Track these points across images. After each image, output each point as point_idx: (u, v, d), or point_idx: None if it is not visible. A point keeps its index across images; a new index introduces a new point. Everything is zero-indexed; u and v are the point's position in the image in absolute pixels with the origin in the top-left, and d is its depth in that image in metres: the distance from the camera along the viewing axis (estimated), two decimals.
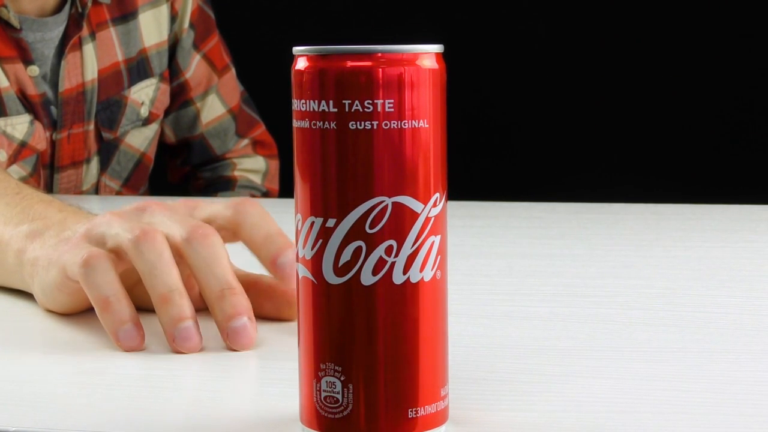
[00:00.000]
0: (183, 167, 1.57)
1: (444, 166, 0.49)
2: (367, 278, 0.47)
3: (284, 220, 0.60)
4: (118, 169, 1.43)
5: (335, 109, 0.47)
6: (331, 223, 0.48)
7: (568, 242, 1.00)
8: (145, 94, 1.42)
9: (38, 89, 1.29)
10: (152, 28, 1.41)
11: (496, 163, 2.21)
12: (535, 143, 2.22)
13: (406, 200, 0.48)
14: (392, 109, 0.47)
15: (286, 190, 1.55)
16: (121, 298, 0.65)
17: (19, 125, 1.28)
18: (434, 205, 0.48)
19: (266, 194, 1.57)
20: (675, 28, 2.16)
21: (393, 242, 0.47)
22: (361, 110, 0.47)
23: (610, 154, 2.18)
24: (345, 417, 0.48)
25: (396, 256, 0.47)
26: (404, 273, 0.48)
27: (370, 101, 0.47)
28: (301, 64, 0.48)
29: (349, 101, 0.47)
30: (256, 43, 2.06)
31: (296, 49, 0.49)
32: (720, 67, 2.14)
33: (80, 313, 0.71)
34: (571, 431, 0.52)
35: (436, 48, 0.49)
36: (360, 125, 0.47)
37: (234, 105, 1.53)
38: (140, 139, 1.44)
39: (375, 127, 0.47)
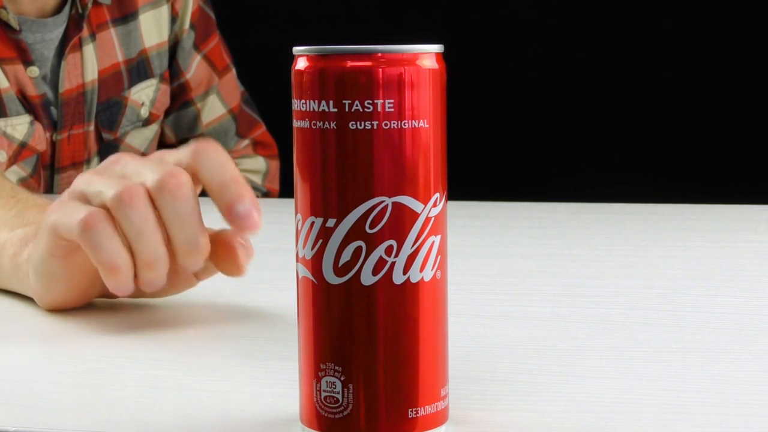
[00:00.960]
0: None
1: (444, 166, 0.49)
2: (367, 278, 0.47)
3: (284, 220, 0.60)
4: None
5: (335, 109, 0.47)
6: (331, 223, 0.48)
7: (568, 242, 1.00)
8: (145, 94, 1.42)
9: (38, 90, 1.29)
10: (152, 29, 1.41)
11: (496, 163, 2.21)
12: (535, 143, 2.22)
13: (406, 200, 0.48)
14: (392, 109, 0.47)
15: (286, 190, 1.55)
16: (129, 266, 0.65)
17: (19, 126, 1.28)
18: (434, 205, 0.48)
19: (267, 194, 1.57)
20: (675, 28, 2.16)
21: (393, 242, 0.47)
22: (361, 110, 0.47)
23: (610, 154, 2.18)
24: (345, 417, 0.48)
25: (396, 256, 0.48)
26: (404, 273, 0.48)
27: (370, 101, 0.47)
28: (301, 64, 0.48)
29: (349, 101, 0.47)
30: (256, 43, 2.06)
31: (296, 49, 0.49)
32: (720, 67, 2.14)
33: (80, 312, 0.71)
34: (571, 431, 0.52)
35: (436, 48, 0.49)
36: (360, 125, 0.47)
37: (234, 105, 1.53)
38: (140, 140, 1.44)
39: (375, 127, 0.47)
